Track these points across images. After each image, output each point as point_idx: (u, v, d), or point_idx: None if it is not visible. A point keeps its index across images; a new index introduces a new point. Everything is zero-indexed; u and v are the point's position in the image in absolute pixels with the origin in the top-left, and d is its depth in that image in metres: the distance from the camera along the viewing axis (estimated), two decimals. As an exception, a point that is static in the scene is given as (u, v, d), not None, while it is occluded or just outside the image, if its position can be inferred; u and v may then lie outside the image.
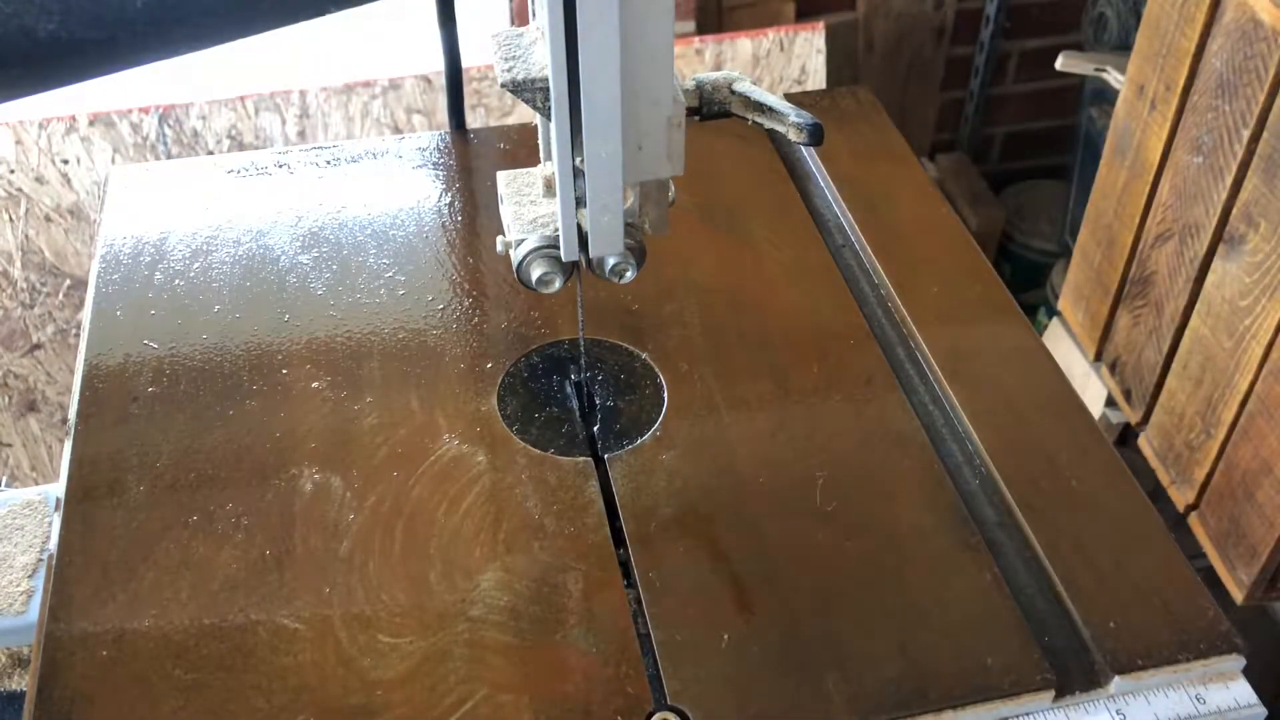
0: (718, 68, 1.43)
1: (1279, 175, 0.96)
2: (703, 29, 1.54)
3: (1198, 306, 1.17)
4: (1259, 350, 1.08)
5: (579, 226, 0.50)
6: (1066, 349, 1.36)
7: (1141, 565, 0.53)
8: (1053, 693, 0.48)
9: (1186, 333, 1.20)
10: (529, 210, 0.53)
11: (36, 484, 0.99)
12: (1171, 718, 0.49)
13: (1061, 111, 1.85)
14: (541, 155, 0.53)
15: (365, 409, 0.59)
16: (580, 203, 0.48)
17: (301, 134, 1.36)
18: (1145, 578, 0.53)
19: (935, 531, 0.54)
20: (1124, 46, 1.68)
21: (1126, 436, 1.34)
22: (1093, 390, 1.37)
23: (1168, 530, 0.55)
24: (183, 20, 0.69)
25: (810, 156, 0.79)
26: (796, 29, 1.44)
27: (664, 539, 0.53)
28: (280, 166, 0.76)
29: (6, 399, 1.45)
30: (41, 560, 0.78)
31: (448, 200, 0.74)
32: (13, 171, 1.31)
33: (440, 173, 0.77)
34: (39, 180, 1.32)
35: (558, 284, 0.53)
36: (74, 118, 1.30)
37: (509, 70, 0.47)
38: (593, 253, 0.51)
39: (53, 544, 0.54)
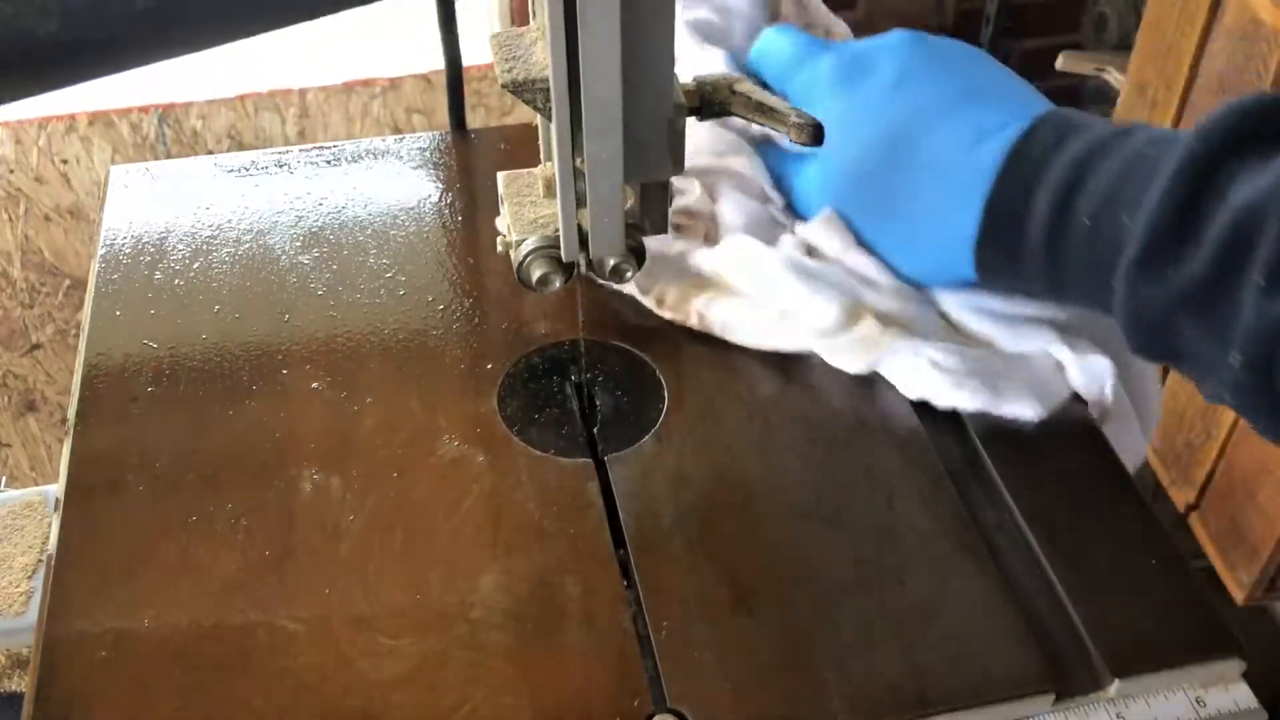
0: (718, 68, 1.42)
1: None
2: (703, 29, 1.53)
3: (1198, 307, 1.17)
4: (1259, 351, 1.07)
5: (579, 227, 0.50)
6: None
7: (1141, 566, 0.53)
8: (1053, 696, 0.48)
9: (1187, 333, 1.19)
10: (529, 211, 0.53)
11: (36, 484, 0.99)
12: (1172, 720, 0.49)
13: (1062, 111, 1.85)
14: (541, 155, 0.53)
15: (365, 409, 0.59)
16: (581, 203, 0.48)
17: (301, 134, 1.37)
18: (1145, 579, 0.53)
19: (935, 532, 0.54)
20: (1124, 46, 1.68)
21: (1126, 437, 1.34)
22: (1093, 391, 1.37)
23: (1167, 530, 0.55)
24: (183, 20, 0.69)
25: (811, 157, 0.79)
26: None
27: (664, 540, 0.53)
28: (280, 166, 0.76)
29: (6, 399, 1.45)
30: (41, 561, 0.78)
31: (448, 200, 0.74)
32: (12, 171, 1.31)
33: (440, 173, 0.77)
34: (38, 180, 1.32)
35: (558, 284, 0.53)
36: (74, 118, 1.30)
37: (509, 70, 0.47)
38: (593, 253, 0.51)
39: (52, 544, 0.54)
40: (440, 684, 0.48)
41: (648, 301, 0.63)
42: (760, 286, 0.60)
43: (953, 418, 0.59)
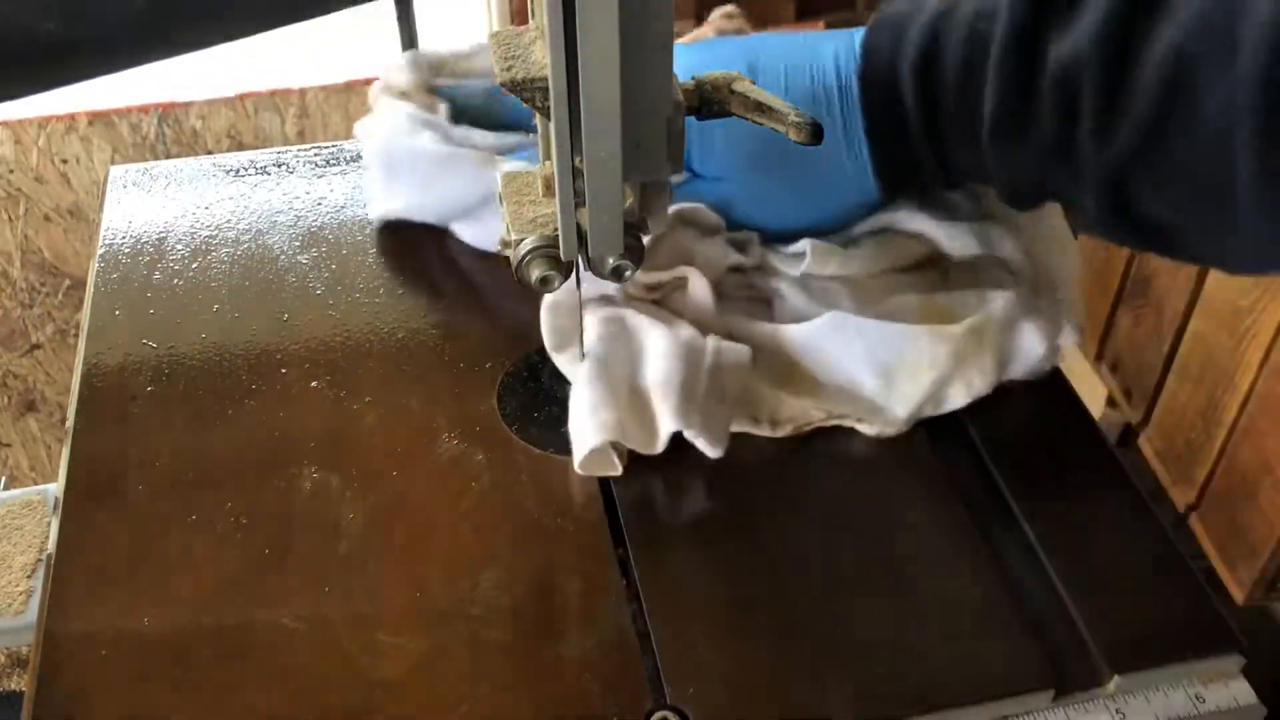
0: (718, 67, 1.42)
1: None
2: (703, 29, 1.53)
3: (1198, 306, 1.17)
4: (1259, 350, 1.08)
5: (578, 226, 0.50)
6: (1067, 349, 1.36)
7: (1141, 565, 0.53)
8: (1053, 692, 0.48)
9: (1187, 332, 1.20)
10: (528, 210, 0.53)
11: (36, 484, 0.99)
12: (1171, 717, 0.49)
13: (1061, 111, 1.84)
14: (540, 155, 0.53)
15: (364, 409, 0.59)
16: (580, 202, 0.48)
17: (301, 134, 1.37)
18: (1145, 577, 0.53)
19: (935, 529, 0.54)
20: (1124, 46, 1.67)
21: (1126, 436, 1.34)
22: (1093, 390, 1.37)
23: (1167, 530, 0.55)
24: (183, 20, 0.70)
25: (810, 156, 0.79)
26: (796, 29, 1.44)
27: (664, 538, 0.53)
28: (279, 166, 0.76)
29: (6, 399, 1.45)
30: (41, 560, 0.78)
31: (447, 200, 0.74)
32: (12, 171, 1.31)
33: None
34: (38, 180, 1.32)
35: (558, 284, 0.53)
36: (74, 117, 1.30)
37: (508, 69, 0.47)
38: (592, 253, 0.51)
39: (52, 544, 0.54)
40: (440, 682, 0.48)
41: (757, 428, 0.58)
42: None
43: (951, 416, 0.59)
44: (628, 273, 0.53)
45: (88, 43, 0.67)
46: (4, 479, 1.32)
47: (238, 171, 0.76)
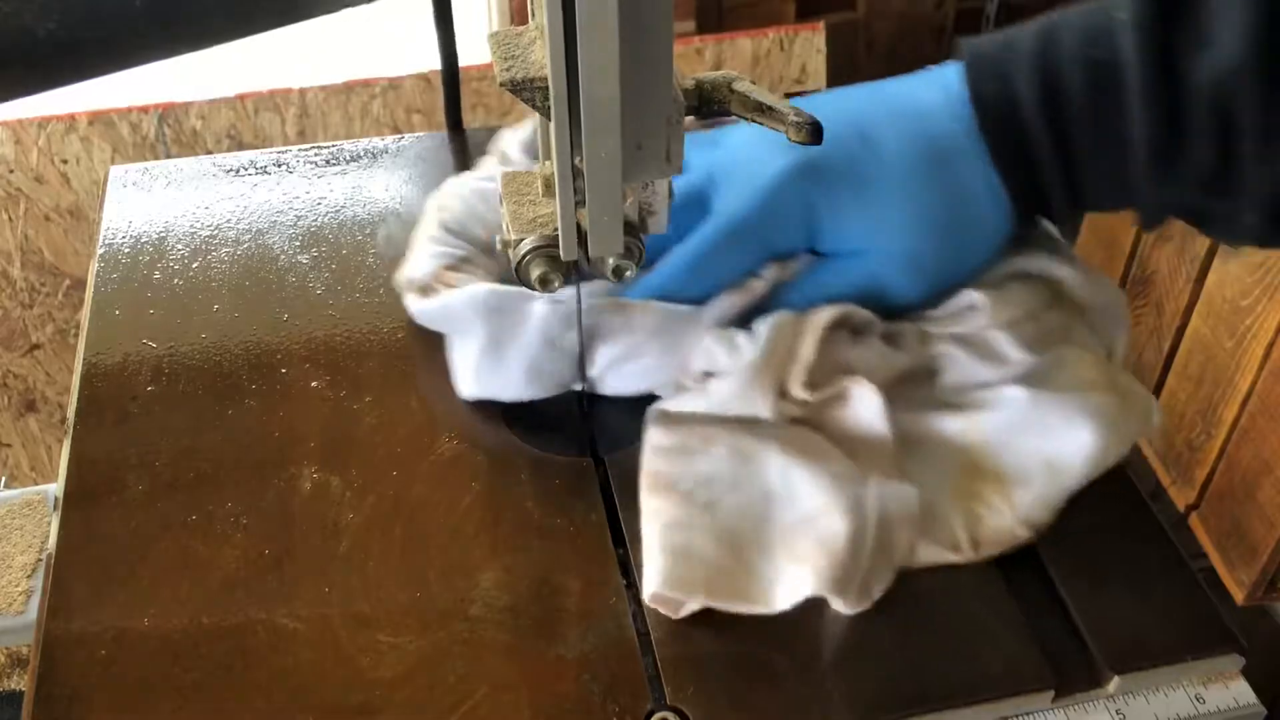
0: (718, 68, 1.43)
1: None
2: (703, 29, 1.54)
3: (1198, 306, 1.17)
4: (1260, 350, 1.08)
5: (578, 226, 0.50)
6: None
7: (1141, 565, 0.53)
8: (1052, 693, 0.48)
9: (1187, 333, 1.20)
10: (528, 210, 0.53)
11: (36, 484, 0.99)
12: (1171, 718, 0.49)
13: (1061, 111, 1.84)
14: (540, 155, 0.53)
15: (364, 409, 0.59)
16: (580, 202, 0.48)
17: (301, 133, 1.37)
18: (1145, 577, 0.53)
19: (935, 531, 0.54)
20: (1124, 46, 1.67)
21: (1126, 436, 1.33)
22: (1093, 390, 1.36)
23: (1167, 530, 0.55)
24: (183, 20, 0.70)
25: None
26: (796, 29, 1.44)
27: (663, 539, 0.53)
28: (279, 166, 0.76)
29: (6, 399, 1.45)
30: (41, 560, 0.78)
31: (447, 200, 0.74)
32: (12, 171, 1.31)
33: (440, 173, 0.77)
34: (38, 180, 1.32)
35: (557, 284, 0.53)
36: (73, 117, 1.30)
37: (508, 69, 0.47)
38: (592, 253, 0.51)
39: (52, 543, 0.54)
40: (440, 682, 0.48)
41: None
42: None
43: (952, 416, 0.59)
44: (628, 273, 0.53)
45: (88, 43, 0.67)
46: (4, 479, 1.32)
47: (238, 171, 0.76)
